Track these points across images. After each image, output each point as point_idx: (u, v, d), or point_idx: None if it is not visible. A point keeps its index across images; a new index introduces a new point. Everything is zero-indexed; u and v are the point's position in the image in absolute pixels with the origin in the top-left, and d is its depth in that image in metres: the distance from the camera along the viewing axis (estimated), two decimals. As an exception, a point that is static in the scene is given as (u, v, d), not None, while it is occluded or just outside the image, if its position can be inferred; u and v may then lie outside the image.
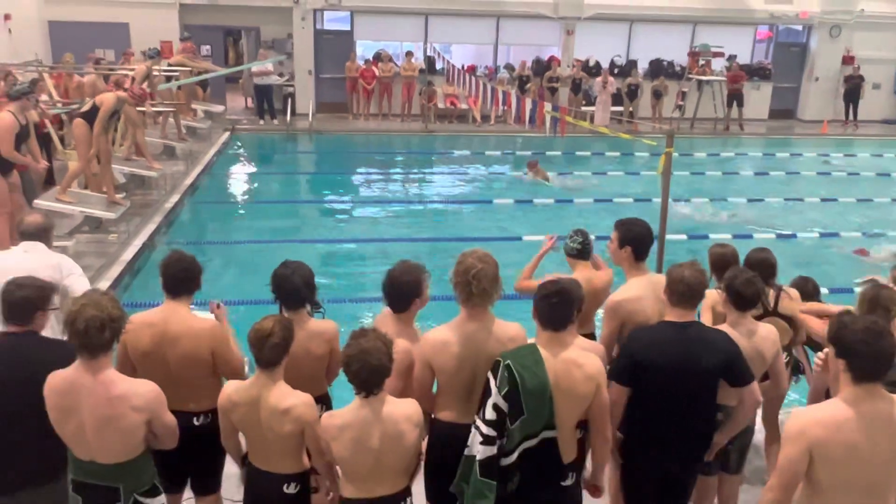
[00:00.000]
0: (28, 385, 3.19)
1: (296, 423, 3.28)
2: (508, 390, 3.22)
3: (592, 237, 4.75)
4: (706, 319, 4.21)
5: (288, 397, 3.30)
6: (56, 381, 3.14)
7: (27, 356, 3.38)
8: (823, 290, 6.89)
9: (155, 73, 12.98)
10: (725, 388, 3.59)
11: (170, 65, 15.03)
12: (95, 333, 3.00)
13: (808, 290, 4.79)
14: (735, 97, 19.27)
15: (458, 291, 3.47)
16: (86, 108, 9.51)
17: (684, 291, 3.56)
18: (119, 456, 3.18)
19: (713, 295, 4.30)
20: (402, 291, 3.72)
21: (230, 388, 3.41)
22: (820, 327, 4.25)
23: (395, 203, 12.19)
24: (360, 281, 8.81)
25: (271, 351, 3.27)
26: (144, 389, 3.19)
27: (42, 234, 4.55)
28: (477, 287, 3.39)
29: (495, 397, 3.25)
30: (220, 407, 3.40)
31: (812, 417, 2.87)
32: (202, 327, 3.71)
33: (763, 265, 4.39)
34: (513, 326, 3.58)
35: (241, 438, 3.54)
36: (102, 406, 3.08)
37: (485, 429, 3.25)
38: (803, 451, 2.82)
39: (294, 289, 3.71)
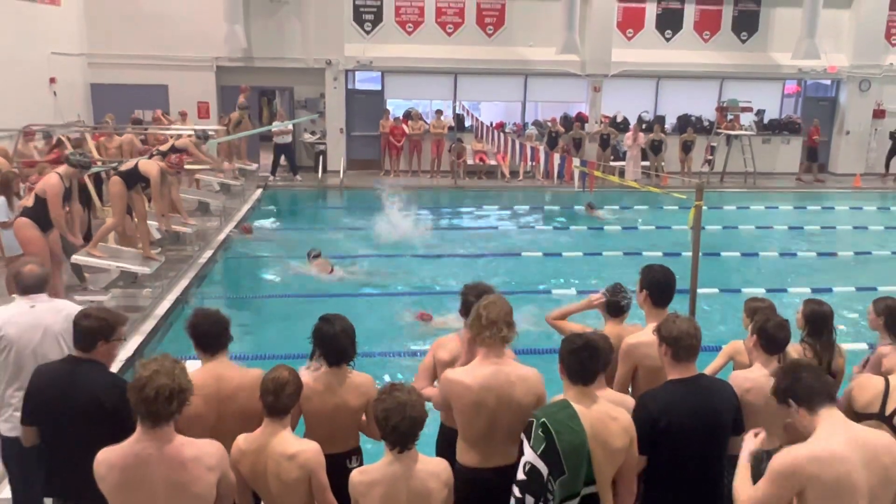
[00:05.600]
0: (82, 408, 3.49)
1: (302, 470, 3.27)
2: (545, 448, 3.15)
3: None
4: (717, 364, 4.32)
5: (294, 444, 3.33)
6: (113, 456, 3.02)
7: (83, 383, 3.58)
8: (862, 346, 6.79)
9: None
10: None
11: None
12: (163, 403, 2.93)
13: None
14: (813, 151, 19.67)
15: (478, 340, 3.55)
16: (124, 167, 9.77)
17: (694, 345, 3.53)
18: None
19: (736, 344, 4.31)
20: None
21: (240, 438, 3.41)
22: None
23: (425, 257, 12.24)
24: (391, 334, 8.81)
25: (288, 399, 3.34)
26: (213, 448, 3.14)
27: (43, 285, 4.47)
28: (496, 333, 3.49)
29: (529, 457, 3.19)
30: (232, 459, 3.31)
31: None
32: (256, 377, 3.61)
33: (816, 318, 4.25)
34: (528, 367, 3.63)
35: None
36: (177, 471, 3.01)
37: (517, 491, 3.20)
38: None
39: (341, 347, 3.75)
